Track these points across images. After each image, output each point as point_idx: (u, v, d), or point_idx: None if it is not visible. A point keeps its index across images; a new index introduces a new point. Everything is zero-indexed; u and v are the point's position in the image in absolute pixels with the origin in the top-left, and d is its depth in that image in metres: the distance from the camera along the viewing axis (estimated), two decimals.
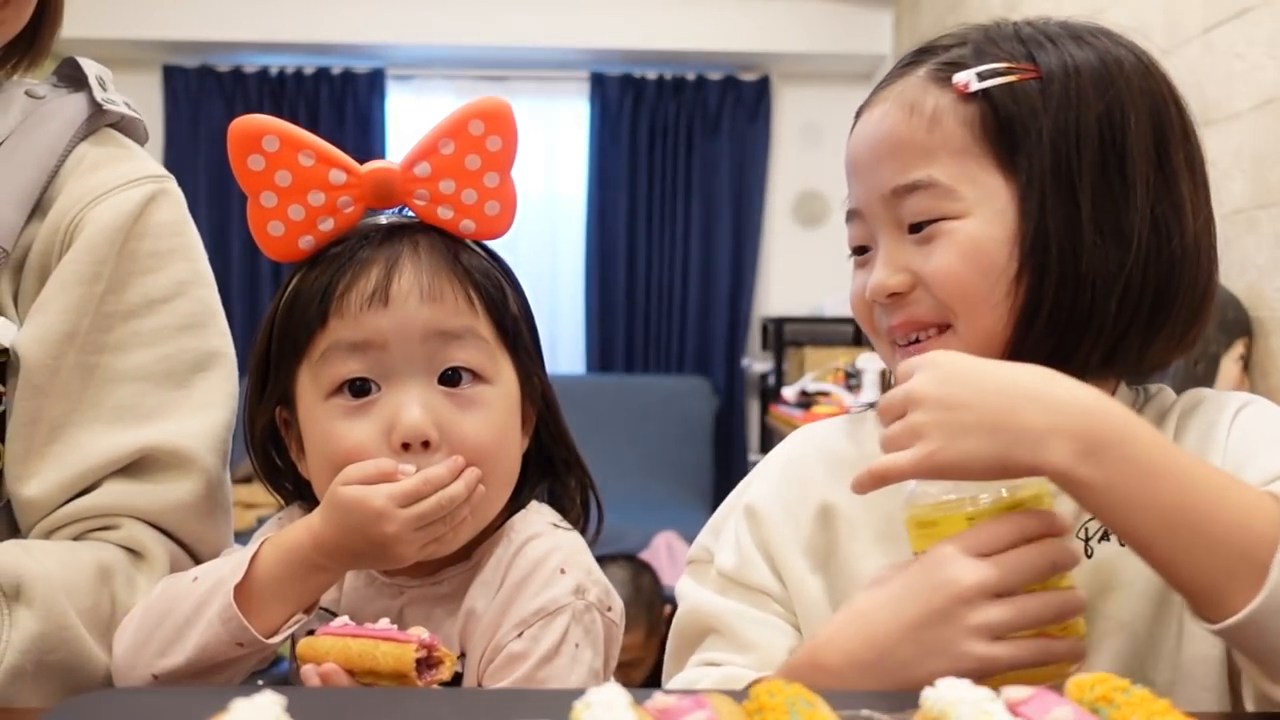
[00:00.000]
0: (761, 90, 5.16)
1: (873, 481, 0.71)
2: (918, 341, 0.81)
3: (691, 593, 0.89)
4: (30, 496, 0.88)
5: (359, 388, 0.83)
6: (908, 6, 4.52)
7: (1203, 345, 2.14)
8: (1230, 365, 2.14)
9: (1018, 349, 0.78)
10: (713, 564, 0.89)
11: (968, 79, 0.79)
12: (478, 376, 0.85)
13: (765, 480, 0.92)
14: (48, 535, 0.89)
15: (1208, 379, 2.13)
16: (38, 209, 0.91)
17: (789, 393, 4.07)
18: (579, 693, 0.49)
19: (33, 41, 0.95)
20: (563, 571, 0.84)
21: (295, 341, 0.86)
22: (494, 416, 0.85)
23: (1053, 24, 0.84)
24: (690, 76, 5.16)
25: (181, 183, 1.02)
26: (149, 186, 0.95)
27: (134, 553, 0.89)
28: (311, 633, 0.79)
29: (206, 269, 1.00)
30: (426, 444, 0.82)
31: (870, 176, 0.82)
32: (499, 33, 4.80)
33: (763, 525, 0.88)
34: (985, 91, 0.79)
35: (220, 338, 0.98)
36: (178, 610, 0.81)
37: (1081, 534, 0.79)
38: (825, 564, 0.86)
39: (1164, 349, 0.81)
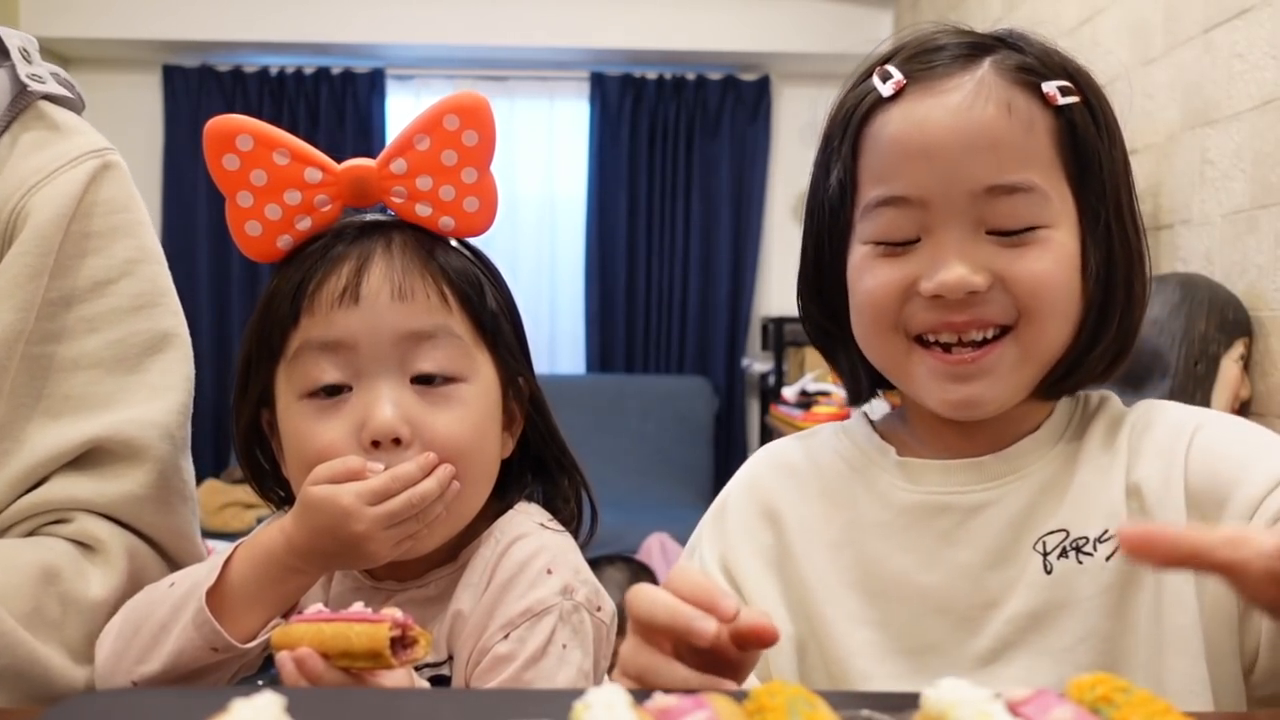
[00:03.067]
0: (761, 90, 5.16)
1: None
2: (975, 344, 0.79)
3: None
4: None
5: (331, 387, 0.82)
6: (907, 6, 4.52)
7: (1202, 345, 2.14)
8: (1230, 365, 2.13)
9: (1075, 365, 0.82)
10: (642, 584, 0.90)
11: (1054, 91, 0.79)
12: (452, 376, 0.84)
13: (725, 496, 0.94)
14: (1, 534, 0.87)
15: (1208, 379, 2.13)
16: None
17: (789, 393, 4.07)
18: (579, 693, 0.49)
19: None
20: (549, 572, 0.83)
21: (270, 341, 0.85)
22: (469, 414, 0.84)
23: (1055, 44, 0.84)
24: (690, 76, 5.15)
25: (181, 183, 1.01)
26: (90, 163, 0.91)
27: (85, 546, 0.87)
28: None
29: (155, 245, 0.96)
30: (398, 441, 0.81)
31: (954, 168, 0.78)
32: (499, 33, 4.79)
33: (724, 536, 0.90)
34: (1063, 108, 0.79)
35: (173, 316, 0.95)
36: (154, 616, 0.80)
37: (1039, 548, 0.80)
38: (779, 565, 0.88)
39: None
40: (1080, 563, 0.79)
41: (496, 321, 0.88)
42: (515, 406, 0.90)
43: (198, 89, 5.01)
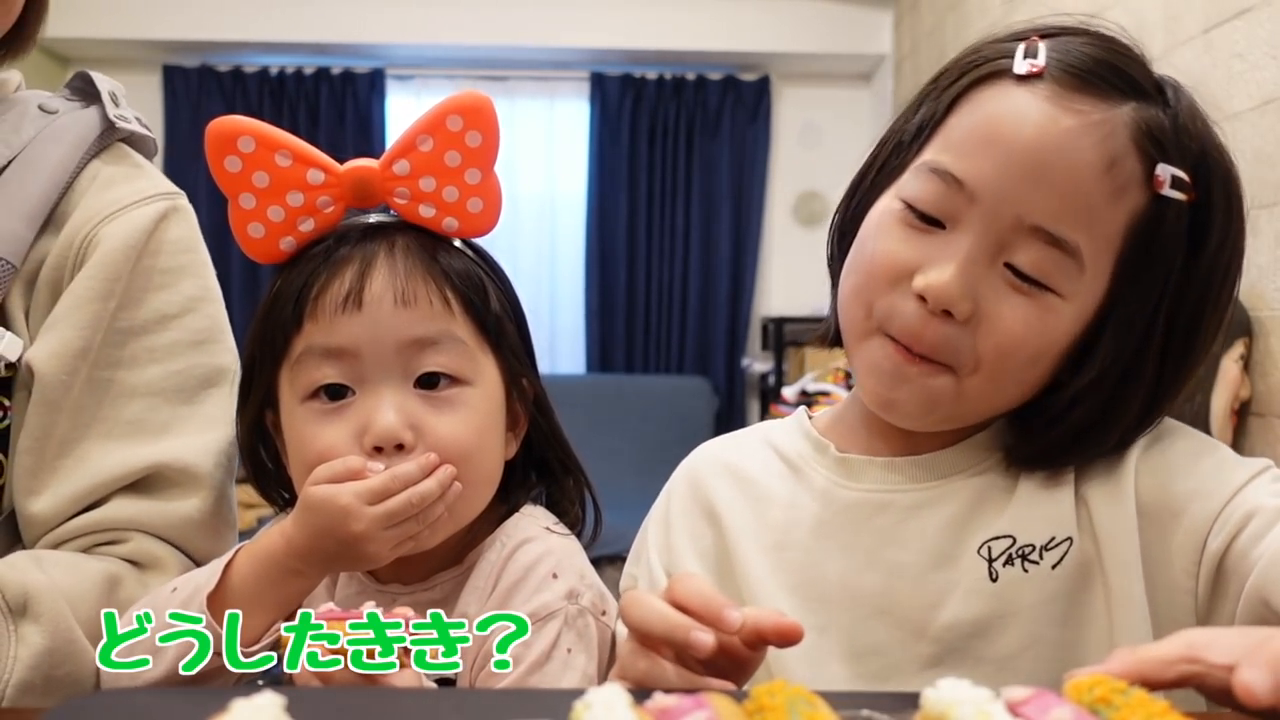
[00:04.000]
0: (761, 90, 5.16)
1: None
2: (923, 359, 0.76)
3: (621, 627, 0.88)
4: (38, 511, 0.88)
5: (334, 391, 0.82)
6: (908, 6, 4.52)
7: None
8: (1230, 365, 2.14)
9: (1064, 452, 0.78)
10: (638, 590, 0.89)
11: (1166, 178, 0.73)
12: (455, 379, 0.83)
13: (666, 497, 0.93)
14: (54, 548, 0.89)
15: (1208, 379, 2.13)
16: (50, 224, 0.91)
17: (789, 393, 4.07)
18: (579, 692, 0.49)
19: (19, 33, 0.95)
20: (555, 576, 0.83)
21: (273, 344, 0.84)
22: (472, 417, 0.83)
23: (1202, 113, 0.78)
24: (690, 76, 5.16)
25: (182, 182, 1.02)
26: (161, 204, 0.95)
27: (141, 564, 0.89)
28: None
29: (216, 285, 1.00)
30: (401, 447, 0.80)
31: (1019, 183, 0.72)
32: (499, 33, 4.80)
33: (668, 541, 0.89)
34: (1162, 196, 0.73)
35: (228, 354, 0.99)
36: (156, 621, 0.78)
37: (984, 554, 0.79)
38: (719, 568, 0.87)
39: None
40: (1026, 571, 0.77)
41: (500, 324, 0.87)
42: (519, 407, 0.90)
43: (198, 89, 5.02)
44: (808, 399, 3.88)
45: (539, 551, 0.85)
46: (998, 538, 0.79)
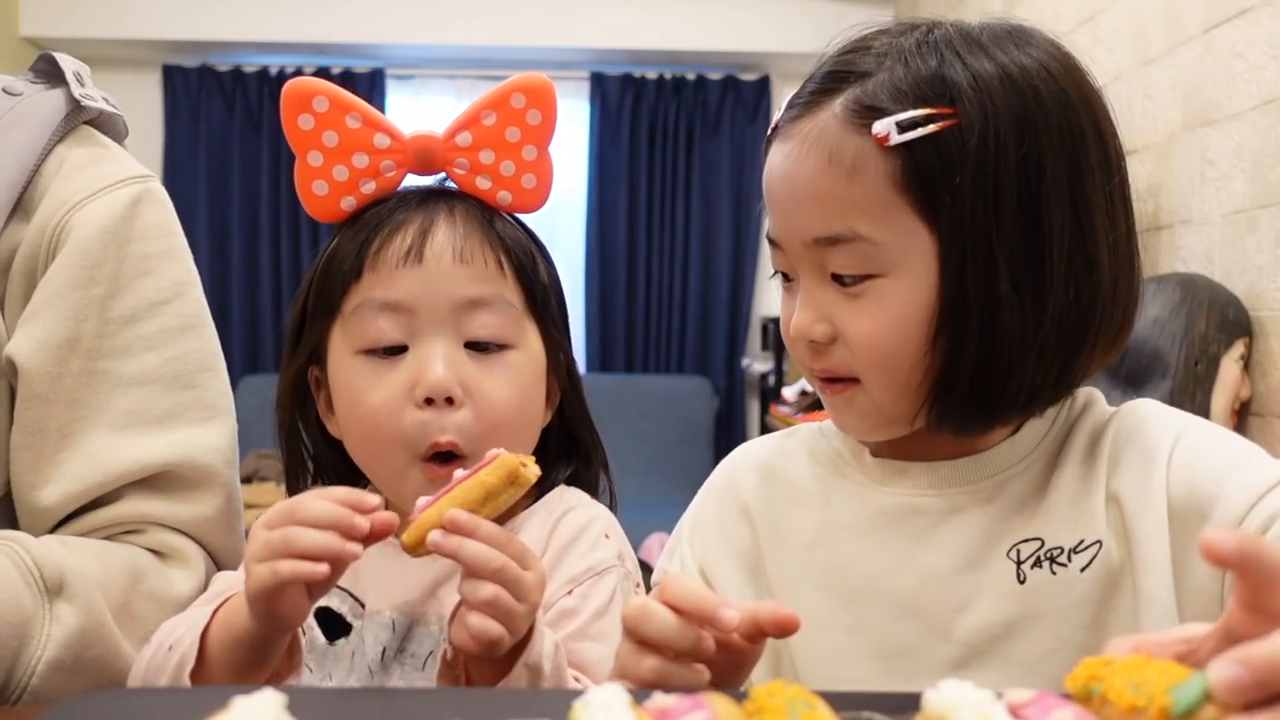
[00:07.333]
0: (761, 90, 5.16)
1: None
2: (836, 381, 0.80)
3: None
4: (47, 504, 0.89)
5: (390, 348, 0.85)
6: (907, 6, 4.52)
7: (1202, 345, 2.14)
8: (1230, 365, 2.14)
9: (938, 410, 0.78)
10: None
11: (888, 131, 0.74)
12: (503, 343, 0.87)
13: (704, 494, 0.95)
14: None
15: (1208, 379, 2.13)
16: (19, 210, 0.90)
17: (789, 393, 4.07)
18: (578, 692, 0.49)
19: None
20: (607, 537, 0.87)
21: (329, 297, 0.87)
22: (517, 379, 0.87)
23: (970, 34, 0.77)
24: (690, 76, 5.15)
25: (182, 182, 1.03)
26: (134, 188, 0.94)
27: (162, 554, 0.91)
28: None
29: (195, 269, 1.00)
30: (450, 401, 0.83)
31: (789, 218, 0.80)
32: (499, 33, 4.80)
33: (703, 538, 0.91)
34: (906, 143, 0.74)
35: (215, 339, 0.99)
36: (157, 684, 0.76)
37: (1013, 556, 0.79)
38: (753, 566, 0.88)
39: (1084, 374, 0.79)
40: (1054, 573, 0.78)
41: (546, 294, 0.91)
42: (554, 380, 0.93)
43: (198, 89, 5.01)
44: (808, 399, 3.87)
45: (590, 515, 0.89)
46: (1026, 540, 0.79)
